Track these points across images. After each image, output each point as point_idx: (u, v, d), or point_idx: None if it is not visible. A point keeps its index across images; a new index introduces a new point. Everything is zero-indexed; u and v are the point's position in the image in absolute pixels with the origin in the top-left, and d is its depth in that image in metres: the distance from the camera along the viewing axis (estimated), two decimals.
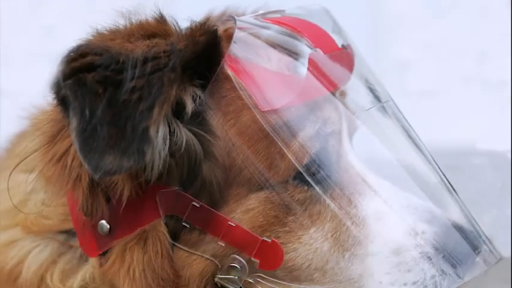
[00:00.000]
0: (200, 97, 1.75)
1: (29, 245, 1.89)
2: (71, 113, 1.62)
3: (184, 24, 1.79)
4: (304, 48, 1.90)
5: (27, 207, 1.91)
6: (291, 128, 1.77)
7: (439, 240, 1.81)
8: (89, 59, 1.65)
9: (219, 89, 1.77)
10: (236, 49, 1.80)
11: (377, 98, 1.95)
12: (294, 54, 1.93)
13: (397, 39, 5.57)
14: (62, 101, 1.65)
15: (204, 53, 1.73)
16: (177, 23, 1.79)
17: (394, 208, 1.83)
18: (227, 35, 1.85)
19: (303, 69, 1.84)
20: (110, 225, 1.77)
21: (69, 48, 1.68)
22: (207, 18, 1.82)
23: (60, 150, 1.74)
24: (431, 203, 1.87)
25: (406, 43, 5.55)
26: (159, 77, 1.64)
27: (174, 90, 1.66)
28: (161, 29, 1.76)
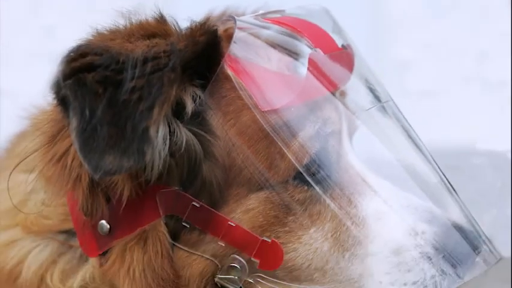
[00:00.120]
0: (200, 97, 1.75)
1: (29, 245, 1.88)
2: (71, 113, 1.62)
3: (184, 24, 1.79)
4: (304, 48, 1.90)
5: (27, 207, 1.91)
6: (291, 128, 1.77)
7: (439, 240, 1.81)
8: (89, 59, 1.65)
9: (219, 89, 1.77)
10: (236, 49, 1.80)
11: (377, 98, 1.95)
12: (294, 54, 1.93)
13: (397, 39, 5.57)
14: (62, 101, 1.65)
15: (204, 53, 1.73)
16: (177, 23, 1.79)
17: (394, 208, 1.83)
18: (227, 35, 1.85)
19: (303, 69, 1.84)
20: (110, 225, 1.77)
21: (69, 48, 1.68)
22: (207, 18, 1.82)
23: (60, 150, 1.74)
24: (431, 203, 1.87)
25: (406, 43, 5.55)
26: (159, 77, 1.64)
27: (174, 90, 1.66)
28: (161, 29, 1.76)
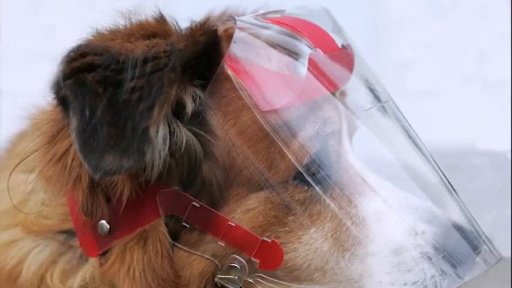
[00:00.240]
0: (200, 97, 1.75)
1: (29, 245, 1.88)
2: (71, 113, 1.62)
3: (184, 24, 1.79)
4: (304, 48, 1.90)
5: (27, 207, 1.91)
6: (291, 128, 1.77)
7: (439, 240, 1.81)
8: (88, 59, 1.65)
9: (219, 89, 1.77)
10: (236, 49, 1.80)
11: (377, 98, 1.95)
12: (294, 54, 1.93)
13: (397, 39, 5.57)
14: (62, 101, 1.65)
15: (204, 53, 1.73)
16: (177, 23, 1.79)
17: (394, 208, 1.83)
18: (227, 35, 1.85)
19: (303, 69, 1.84)
20: (110, 225, 1.77)
21: (69, 48, 1.68)
22: (207, 18, 1.82)
23: (60, 150, 1.74)
24: (431, 203, 1.86)
25: (406, 43, 5.55)
26: (159, 77, 1.64)
27: (174, 90, 1.66)
28: (161, 29, 1.76)
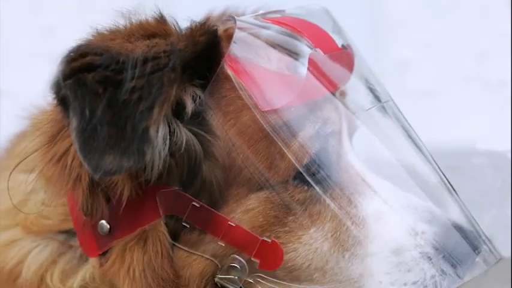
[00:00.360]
0: (200, 97, 1.75)
1: (29, 245, 1.88)
2: (71, 113, 1.62)
3: (184, 24, 1.79)
4: (304, 48, 1.90)
5: (27, 207, 1.91)
6: (291, 128, 1.77)
7: (439, 240, 1.81)
8: (88, 59, 1.65)
9: (219, 89, 1.77)
10: (236, 49, 1.80)
11: (377, 98, 1.95)
12: (294, 54, 1.93)
13: (397, 39, 5.57)
14: (62, 101, 1.65)
15: (204, 53, 1.73)
16: (177, 23, 1.79)
17: (394, 208, 1.83)
18: (227, 35, 1.85)
19: (303, 69, 1.84)
20: (110, 225, 1.77)
21: (69, 48, 1.68)
22: (207, 18, 1.82)
23: (60, 150, 1.74)
24: (431, 203, 1.86)
25: (406, 43, 5.55)
26: (159, 77, 1.64)
27: (174, 90, 1.66)
28: (161, 29, 1.76)
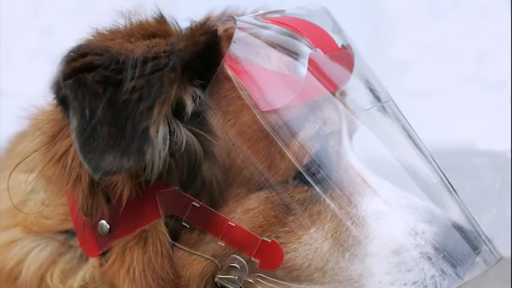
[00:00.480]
0: (200, 97, 1.75)
1: (29, 245, 1.88)
2: (71, 113, 1.62)
3: (184, 24, 1.79)
4: (304, 48, 1.90)
5: (27, 207, 1.91)
6: (290, 128, 1.77)
7: (439, 240, 1.81)
8: (88, 59, 1.65)
9: (219, 89, 1.77)
10: (236, 49, 1.80)
11: (377, 98, 1.95)
12: (294, 54, 1.93)
13: (397, 39, 5.57)
14: (62, 101, 1.65)
15: (204, 53, 1.73)
16: (177, 23, 1.79)
17: (394, 208, 1.83)
18: (227, 35, 1.85)
19: (303, 69, 1.84)
20: (110, 225, 1.77)
21: (69, 48, 1.68)
22: (207, 18, 1.82)
23: (60, 150, 1.74)
24: (431, 203, 1.86)
25: (406, 43, 5.55)
26: (159, 77, 1.64)
27: (174, 90, 1.66)
28: (161, 29, 1.76)
